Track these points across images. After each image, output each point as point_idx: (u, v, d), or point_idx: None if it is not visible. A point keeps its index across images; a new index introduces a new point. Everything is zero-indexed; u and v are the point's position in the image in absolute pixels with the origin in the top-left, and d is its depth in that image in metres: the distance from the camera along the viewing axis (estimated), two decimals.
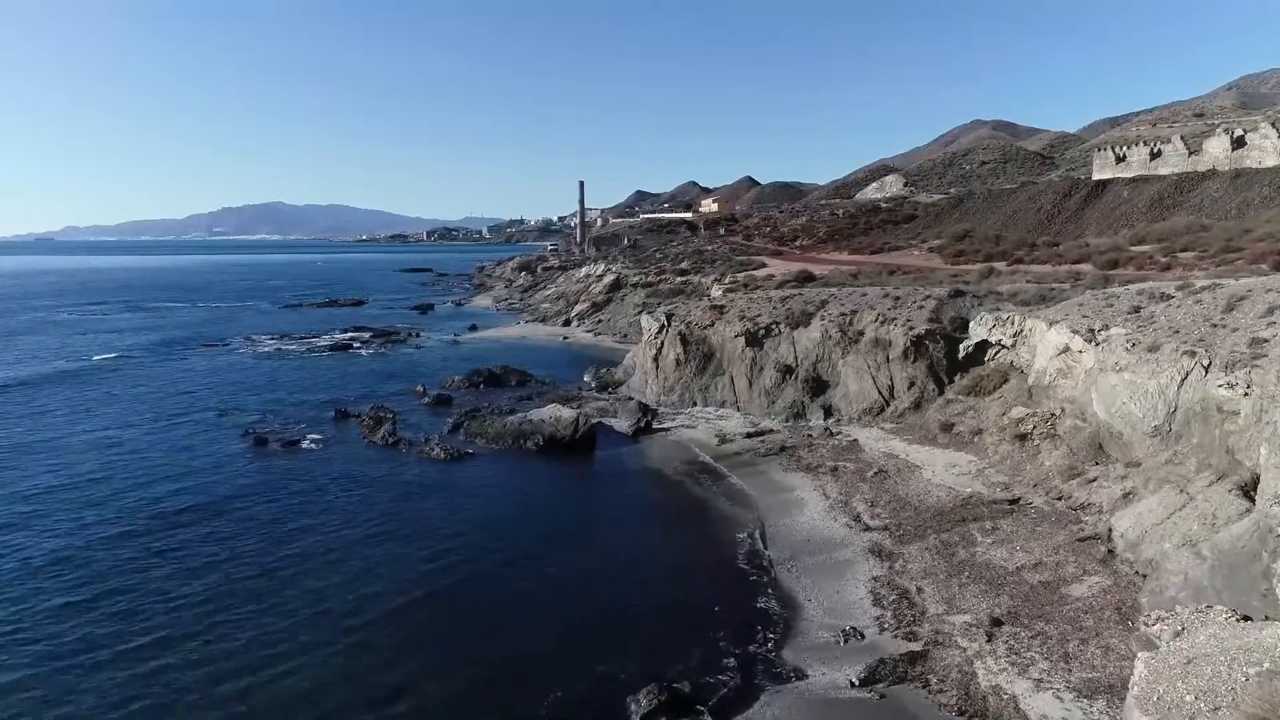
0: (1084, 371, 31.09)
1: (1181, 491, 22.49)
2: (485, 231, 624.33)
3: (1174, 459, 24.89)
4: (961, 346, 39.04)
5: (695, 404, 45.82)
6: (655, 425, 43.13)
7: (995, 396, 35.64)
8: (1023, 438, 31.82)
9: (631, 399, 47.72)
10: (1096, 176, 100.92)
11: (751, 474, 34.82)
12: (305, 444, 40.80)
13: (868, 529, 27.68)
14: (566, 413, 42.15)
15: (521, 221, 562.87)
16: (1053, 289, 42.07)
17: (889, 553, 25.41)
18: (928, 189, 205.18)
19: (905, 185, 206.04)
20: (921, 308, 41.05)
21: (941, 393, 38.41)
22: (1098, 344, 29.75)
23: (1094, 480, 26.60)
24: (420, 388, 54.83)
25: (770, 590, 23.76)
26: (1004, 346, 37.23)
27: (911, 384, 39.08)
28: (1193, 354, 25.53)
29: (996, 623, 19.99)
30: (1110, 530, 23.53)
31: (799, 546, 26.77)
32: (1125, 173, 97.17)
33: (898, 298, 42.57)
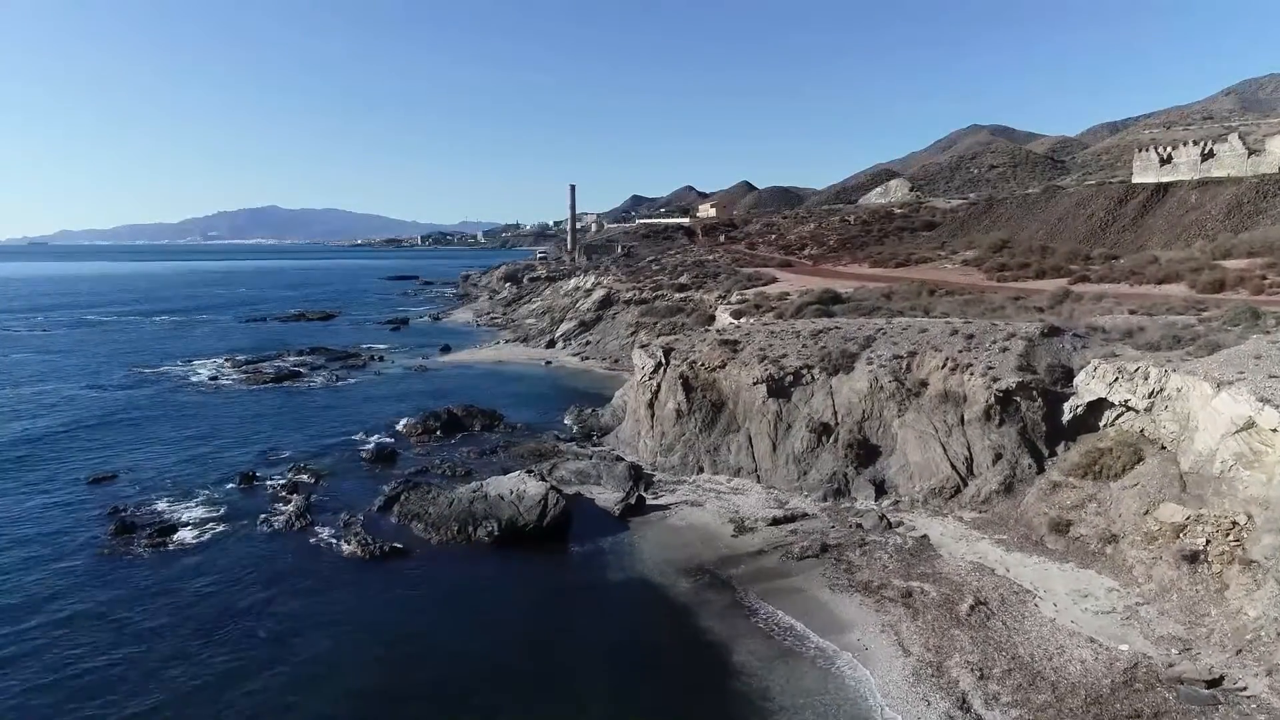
0: None
1: None
2: (480, 236, 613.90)
3: None
4: (1067, 406, 28.73)
5: (702, 469, 35.47)
6: (650, 501, 32.90)
7: (1127, 483, 25.31)
8: (1192, 558, 21.55)
9: (621, 459, 37.42)
10: (1138, 179, 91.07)
11: (784, 594, 24.49)
12: (180, 536, 30.36)
13: None
14: (533, 487, 31.82)
15: (517, 226, 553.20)
16: (1173, 322, 31.76)
17: None
18: (935, 193, 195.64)
19: (912, 190, 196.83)
20: (1006, 350, 30.72)
21: (1041, 470, 28.09)
22: None
23: None
24: (361, 435, 44.73)
25: None
26: (1131, 409, 26.94)
27: (998, 456, 28.73)
28: None
29: None
30: None
31: None
32: (1172, 175, 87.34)
33: (970, 335, 32.18)
